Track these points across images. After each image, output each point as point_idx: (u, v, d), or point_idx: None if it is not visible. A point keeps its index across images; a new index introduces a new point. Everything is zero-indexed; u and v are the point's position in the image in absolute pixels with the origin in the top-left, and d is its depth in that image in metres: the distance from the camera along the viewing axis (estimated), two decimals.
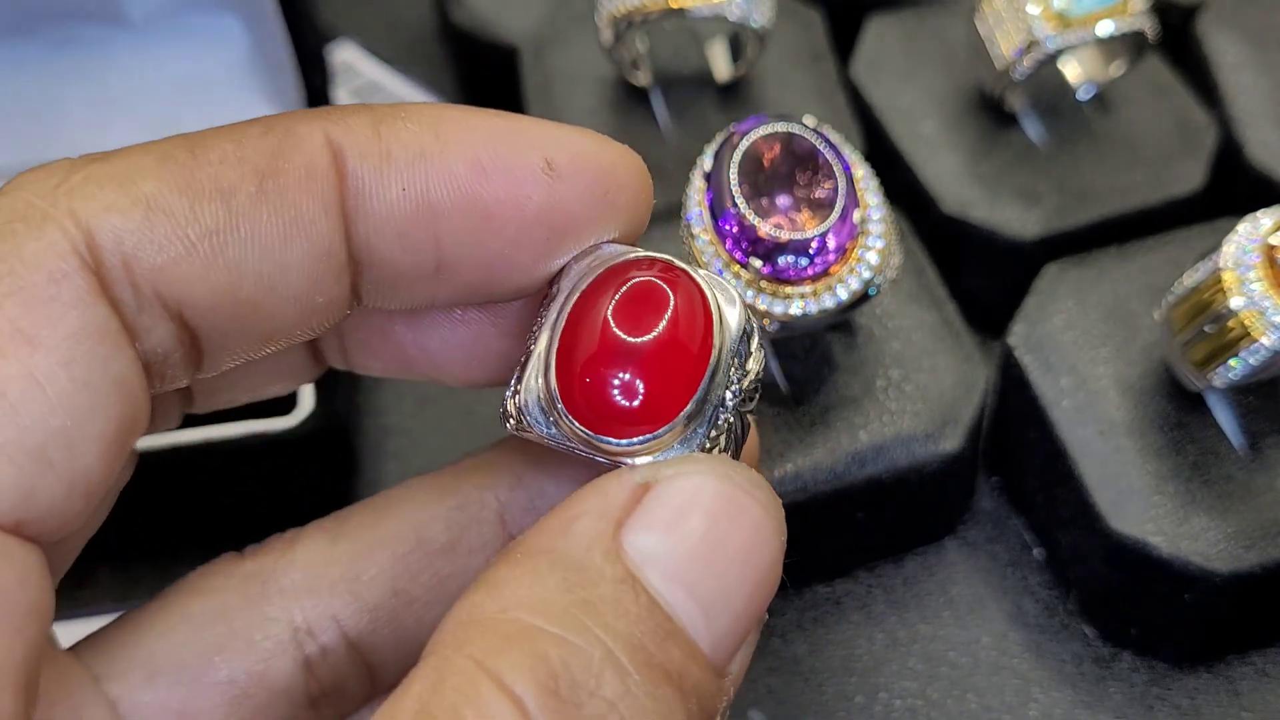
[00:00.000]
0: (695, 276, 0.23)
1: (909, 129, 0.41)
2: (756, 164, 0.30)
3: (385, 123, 0.23)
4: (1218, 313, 0.31)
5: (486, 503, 0.27)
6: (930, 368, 0.35)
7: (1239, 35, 0.43)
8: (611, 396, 0.23)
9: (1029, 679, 0.35)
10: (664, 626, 0.21)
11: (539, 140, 0.24)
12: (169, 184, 0.22)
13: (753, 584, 0.22)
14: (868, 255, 0.31)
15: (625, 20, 0.38)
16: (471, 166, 0.23)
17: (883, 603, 0.36)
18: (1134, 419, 0.34)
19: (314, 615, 0.26)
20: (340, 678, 0.27)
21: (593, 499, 0.22)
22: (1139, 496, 0.33)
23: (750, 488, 0.22)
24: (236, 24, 0.39)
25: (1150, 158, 0.40)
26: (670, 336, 0.23)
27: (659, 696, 0.20)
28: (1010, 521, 0.38)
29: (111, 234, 0.21)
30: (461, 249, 0.24)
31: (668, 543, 0.21)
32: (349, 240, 0.23)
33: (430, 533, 0.27)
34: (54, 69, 0.39)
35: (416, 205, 0.23)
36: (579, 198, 0.24)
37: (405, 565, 0.27)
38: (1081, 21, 0.38)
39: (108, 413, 0.21)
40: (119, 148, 0.23)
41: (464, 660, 0.20)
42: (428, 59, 0.50)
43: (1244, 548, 0.32)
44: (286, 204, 0.22)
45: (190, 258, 0.22)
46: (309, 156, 0.23)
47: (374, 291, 0.24)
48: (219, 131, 0.23)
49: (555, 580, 0.21)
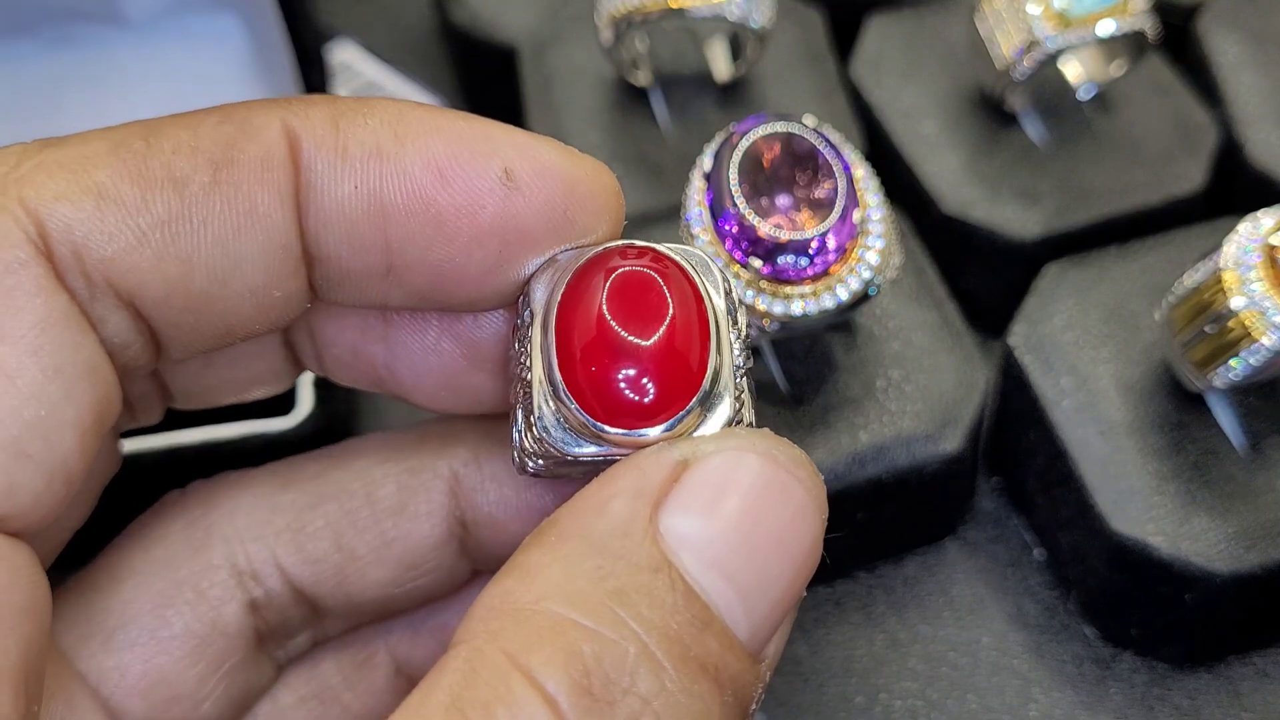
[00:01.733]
0: (675, 259, 0.23)
1: (909, 129, 0.41)
2: (756, 164, 0.30)
3: (346, 117, 0.23)
4: (1218, 313, 0.31)
5: (440, 471, 0.27)
6: (930, 368, 0.35)
7: (1239, 35, 0.43)
8: (625, 396, 0.22)
9: (1029, 679, 0.35)
10: (701, 616, 0.20)
11: (501, 148, 0.23)
12: (121, 172, 0.21)
13: (792, 568, 0.22)
14: (868, 255, 0.30)
15: (625, 20, 0.38)
16: (428, 170, 0.23)
17: (883, 603, 0.36)
18: (1134, 419, 0.34)
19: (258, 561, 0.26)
20: (286, 619, 0.27)
21: (630, 476, 0.21)
22: (1139, 497, 0.33)
23: (793, 466, 0.22)
24: (235, 23, 0.39)
25: (1151, 157, 0.40)
26: (669, 341, 0.22)
27: (695, 693, 0.20)
28: (1011, 522, 0.38)
29: (62, 223, 0.21)
30: (412, 252, 0.23)
31: (705, 526, 0.21)
32: (302, 234, 0.23)
33: (380, 492, 0.27)
34: (53, 69, 0.38)
35: (368, 204, 0.23)
36: (535, 212, 0.23)
37: (351, 521, 0.27)
38: (1082, 21, 0.38)
39: (81, 399, 0.21)
40: (75, 133, 0.22)
41: (496, 654, 0.19)
42: (427, 58, 0.50)
43: (1245, 548, 0.32)
44: (241, 195, 0.22)
45: (141, 248, 0.21)
46: (265, 146, 0.22)
47: (327, 287, 0.24)
48: (176, 119, 0.22)
49: (589, 567, 0.20)
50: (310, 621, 0.28)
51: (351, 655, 0.29)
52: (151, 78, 0.38)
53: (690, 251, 0.24)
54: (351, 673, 0.28)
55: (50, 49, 0.38)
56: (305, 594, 0.27)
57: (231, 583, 0.26)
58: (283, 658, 0.28)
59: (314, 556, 0.27)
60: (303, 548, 0.27)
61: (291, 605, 0.27)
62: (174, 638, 0.25)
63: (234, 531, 0.26)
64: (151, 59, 0.38)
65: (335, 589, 0.27)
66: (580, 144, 0.40)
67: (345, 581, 0.27)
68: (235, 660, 0.26)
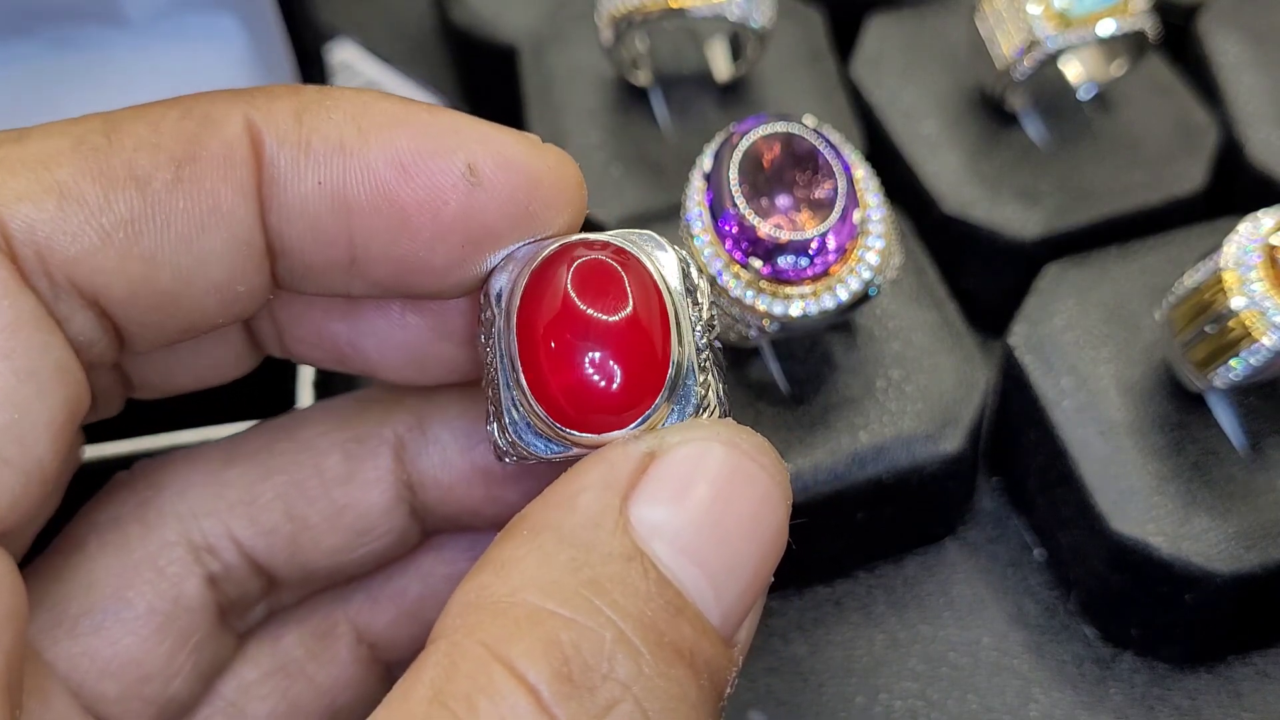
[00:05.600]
0: (632, 253, 0.23)
1: (909, 129, 0.41)
2: (756, 164, 0.30)
3: (309, 110, 0.23)
4: (1219, 313, 0.31)
5: (385, 437, 0.27)
6: (931, 368, 0.35)
7: (1240, 35, 0.43)
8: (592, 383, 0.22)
9: (1029, 680, 0.35)
10: (674, 603, 0.21)
11: (465, 142, 0.23)
12: (83, 170, 0.21)
13: (760, 552, 0.22)
14: (868, 255, 0.30)
15: (625, 20, 0.38)
16: (391, 165, 0.23)
17: (883, 603, 0.36)
18: (1135, 419, 0.34)
19: (212, 535, 0.26)
20: (244, 590, 0.27)
21: (597, 470, 0.22)
22: (1140, 497, 0.33)
23: (757, 454, 0.22)
24: (234, 23, 0.38)
25: (1151, 157, 0.40)
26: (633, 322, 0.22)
27: (672, 676, 0.20)
28: (1011, 522, 0.38)
29: (24, 223, 0.21)
30: (375, 247, 0.23)
31: (675, 514, 0.21)
32: (265, 229, 0.23)
33: (328, 462, 0.27)
34: (52, 69, 0.38)
35: (331, 200, 0.23)
36: (498, 207, 0.23)
37: (301, 491, 0.27)
38: (1082, 21, 0.38)
39: (54, 399, 0.21)
40: (34, 126, 0.22)
41: (475, 646, 0.20)
42: (427, 58, 0.50)
43: (1245, 548, 0.32)
44: (204, 192, 0.22)
45: (105, 248, 0.21)
46: (227, 142, 0.22)
47: (289, 278, 0.24)
48: (137, 113, 0.22)
49: (563, 559, 0.20)
50: (267, 592, 0.28)
51: (312, 628, 0.29)
52: (151, 78, 0.37)
53: (641, 234, 0.24)
54: (314, 644, 0.29)
55: (50, 49, 0.38)
56: (261, 565, 0.27)
57: (189, 559, 0.26)
58: (242, 629, 0.28)
59: (267, 528, 0.27)
60: (255, 520, 0.27)
61: (249, 577, 0.27)
62: (138, 618, 0.26)
63: (186, 508, 0.27)
64: (151, 59, 0.38)
65: (290, 559, 0.27)
66: (580, 144, 0.41)
67: (299, 551, 0.27)
68: (201, 635, 0.26)
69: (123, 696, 0.25)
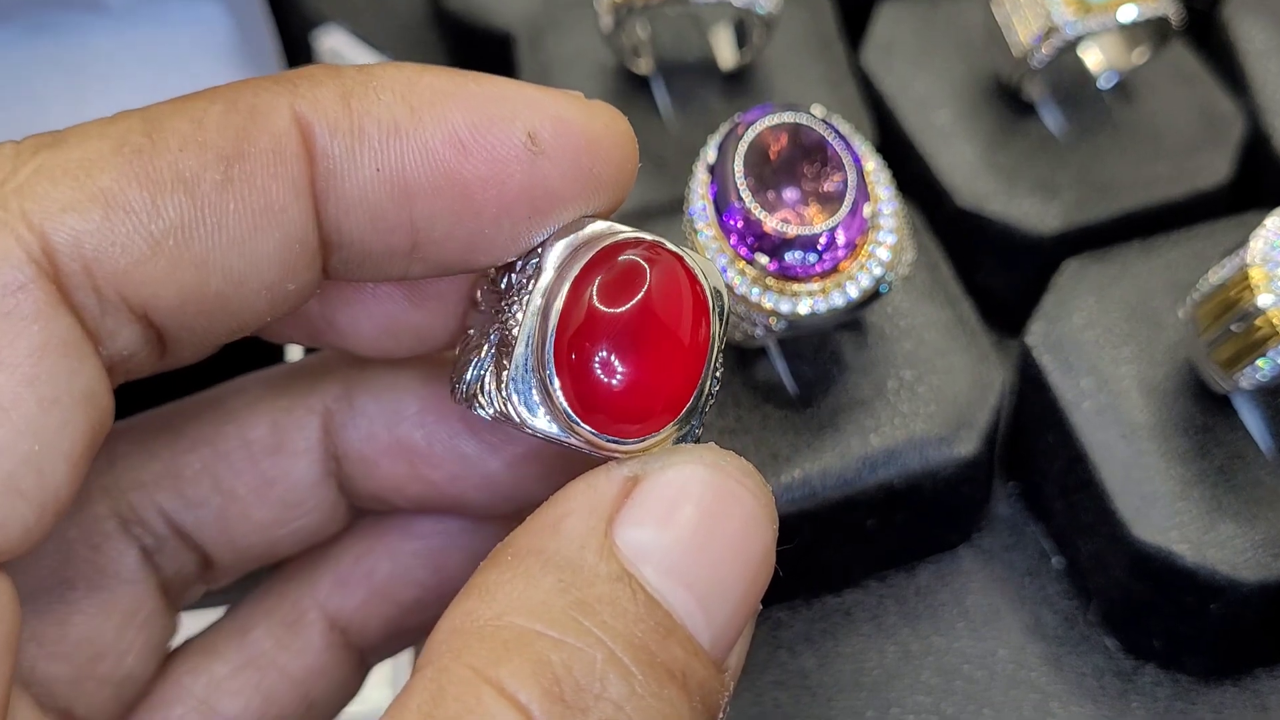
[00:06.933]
0: (689, 261, 0.23)
1: (922, 119, 0.41)
2: (762, 156, 0.30)
3: (356, 93, 0.22)
4: (1245, 311, 0.31)
5: (313, 407, 0.28)
6: (944, 368, 0.35)
7: (1266, 21, 0.43)
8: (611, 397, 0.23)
9: (1048, 693, 0.34)
10: (664, 624, 0.21)
11: (521, 111, 0.23)
12: (127, 175, 0.21)
13: (748, 574, 0.22)
14: (879, 251, 0.30)
15: (626, 5, 0.38)
16: (449, 143, 0.22)
17: (895, 614, 0.36)
18: (1157, 422, 0.34)
19: (141, 508, 0.27)
20: (179, 566, 0.28)
21: (582, 495, 0.22)
22: (1163, 503, 0.33)
23: (741, 476, 0.22)
24: (217, 9, 0.39)
25: (1174, 149, 0.40)
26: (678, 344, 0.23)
27: (665, 697, 0.20)
28: (1028, 529, 0.38)
29: (70, 237, 0.21)
30: (438, 229, 0.23)
31: (661, 536, 0.22)
32: (319, 223, 0.23)
33: (254, 433, 0.28)
34: (31, 56, 0.39)
35: (391, 186, 0.22)
36: (562, 174, 0.23)
37: (229, 463, 0.27)
38: (1103, 7, 0.38)
39: (76, 429, 0.21)
40: (68, 128, 0.22)
41: (463, 670, 0.20)
42: (419, 45, 0.50)
43: (1272, 556, 0.32)
44: (255, 191, 0.22)
45: (155, 257, 0.21)
46: (276, 135, 0.22)
47: (344, 269, 0.24)
48: (176, 108, 0.22)
49: (549, 581, 0.21)
50: (204, 569, 0.28)
51: (281, 617, 0.29)
52: (131, 65, 0.38)
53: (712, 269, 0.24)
54: (283, 634, 0.29)
55: (28, 36, 0.39)
56: (191, 539, 0.27)
57: (122, 533, 0.27)
58: (182, 607, 0.29)
59: (195, 500, 0.27)
60: (182, 492, 0.27)
61: (181, 550, 0.27)
62: (82, 597, 0.26)
63: (113, 482, 0.27)
64: (131, 46, 0.39)
65: (221, 533, 0.27)
66: None
67: (229, 525, 0.27)
68: (147, 611, 0.27)
69: (76, 678, 0.25)
